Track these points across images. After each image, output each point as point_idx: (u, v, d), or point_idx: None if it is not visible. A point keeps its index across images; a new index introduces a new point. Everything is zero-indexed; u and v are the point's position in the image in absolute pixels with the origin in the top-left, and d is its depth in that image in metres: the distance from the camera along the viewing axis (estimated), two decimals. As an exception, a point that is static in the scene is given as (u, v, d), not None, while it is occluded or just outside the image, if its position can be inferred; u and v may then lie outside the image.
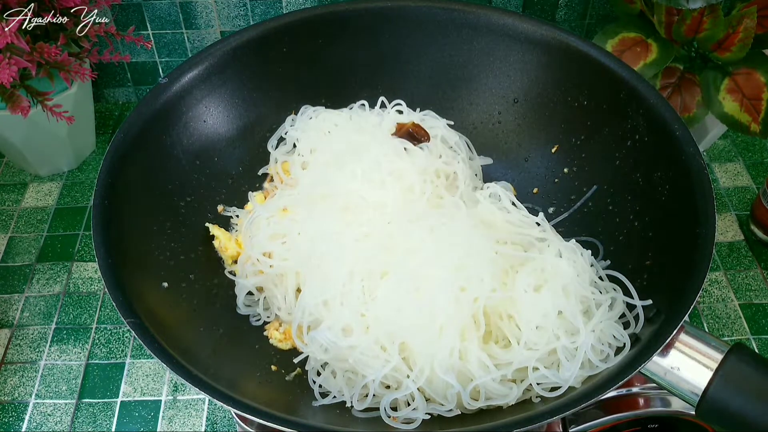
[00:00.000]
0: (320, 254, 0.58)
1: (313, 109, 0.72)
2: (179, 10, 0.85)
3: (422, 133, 0.67)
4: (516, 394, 0.52)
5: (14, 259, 0.78)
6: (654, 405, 0.57)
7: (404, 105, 0.72)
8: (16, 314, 0.73)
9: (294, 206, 0.63)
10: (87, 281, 0.76)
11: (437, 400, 0.52)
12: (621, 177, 0.63)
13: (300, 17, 0.70)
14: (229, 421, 0.65)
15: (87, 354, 0.70)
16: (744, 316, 0.72)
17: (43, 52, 0.68)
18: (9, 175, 0.88)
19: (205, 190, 0.66)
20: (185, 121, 0.66)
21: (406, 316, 0.53)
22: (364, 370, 0.53)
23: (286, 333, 0.60)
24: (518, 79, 0.71)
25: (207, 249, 0.64)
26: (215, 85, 0.67)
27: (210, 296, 0.61)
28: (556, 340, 0.53)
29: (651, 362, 0.47)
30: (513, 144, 0.72)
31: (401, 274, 0.55)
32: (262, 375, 0.57)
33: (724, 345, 0.46)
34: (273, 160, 0.70)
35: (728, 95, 0.74)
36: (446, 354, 0.52)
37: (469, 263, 0.55)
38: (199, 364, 0.49)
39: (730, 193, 0.84)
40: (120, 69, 0.92)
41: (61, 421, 0.65)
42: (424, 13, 0.71)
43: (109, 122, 0.94)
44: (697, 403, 0.46)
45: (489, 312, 0.55)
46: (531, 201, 0.69)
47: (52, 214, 0.83)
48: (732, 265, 0.77)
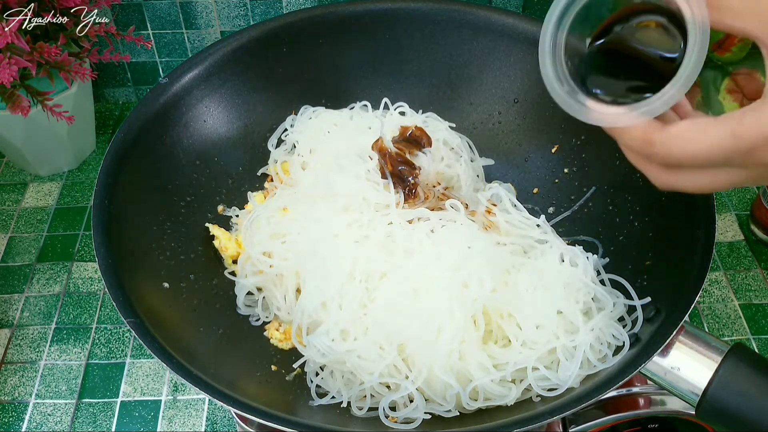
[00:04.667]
0: (320, 255, 0.58)
1: (313, 109, 0.72)
2: (179, 10, 0.85)
3: (424, 138, 0.66)
4: (515, 395, 0.52)
5: (14, 259, 0.78)
6: (654, 405, 0.57)
7: (407, 107, 0.72)
8: (16, 314, 0.73)
9: (294, 206, 0.63)
10: (87, 281, 0.76)
11: (436, 400, 0.52)
12: (621, 177, 0.63)
13: (300, 17, 0.70)
14: (229, 421, 0.65)
15: (87, 354, 0.70)
16: (744, 316, 0.72)
17: (43, 52, 0.68)
18: (9, 175, 0.88)
19: (205, 190, 0.67)
20: (185, 121, 0.66)
21: (406, 318, 0.53)
22: (362, 375, 0.53)
23: (287, 333, 0.60)
24: (518, 79, 0.71)
25: (207, 249, 0.64)
26: (215, 85, 0.67)
27: (210, 296, 0.61)
28: (555, 339, 0.53)
29: (651, 362, 0.47)
30: (513, 144, 0.72)
31: (401, 276, 0.55)
32: (262, 375, 0.57)
33: (724, 345, 0.46)
34: (273, 160, 0.70)
35: (728, 95, 0.74)
36: (445, 355, 0.52)
37: (469, 264, 0.55)
38: (199, 364, 0.49)
39: (730, 193, 0.84)
40: (120, 69, 0.92)
41: (61, 421, 0.65)
42: (424, 13, 0.71)
43: (109, 122, 0.94)
44: (697, 403, 0.46)
45: (489, 311, 0.55)
46: (531, 201, 0.69)
47: (52, 214, 0.83)
48: (732, 265, 0.77)
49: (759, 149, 0.34)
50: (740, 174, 0.36)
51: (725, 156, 0.35)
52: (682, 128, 0.36)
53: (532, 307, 0.54)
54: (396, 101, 0.72)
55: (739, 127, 0.34)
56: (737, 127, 0.34)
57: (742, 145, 0.34)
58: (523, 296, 0.54)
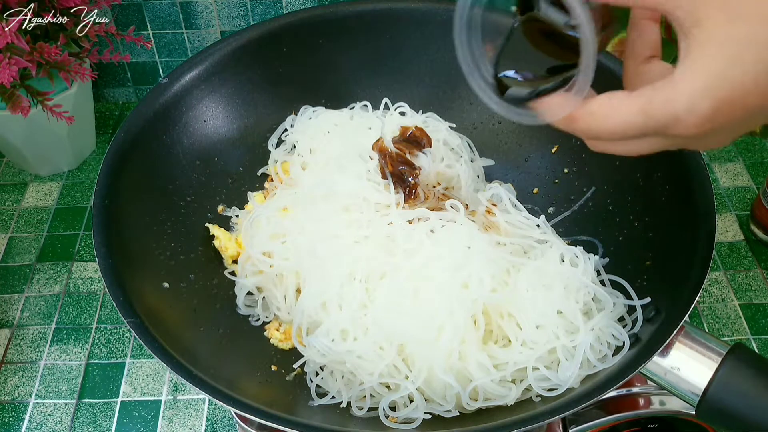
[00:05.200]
0: (320, 255, 0.58)
1: (313, 109, 0.72)
2: (179, 10, 0.85)
3: (425, 138, 0.66)
4: (515, 395, 0.52)
5: (14, 259, 0.78)
6: (654, 405, 0.57)
7: (407, 107, 0.72)
8: (16, 314, 0.73)
9: (294, 206, 0.63)
10: (87, 281, 0.76)
11: (436, 400, 0.52)
12: (621, 177, 0.63)
13: (300, 17, 0.70)
14: (229, 421, 0.65)
15: (87, 354, 0.70)
16: (744, 316, 0.72)
17: (43, 52, 0.68)
18: (9, 175, 0.88)
19: (205, 190, 0.67)
20: (185, 121, 0.66)
21: (406, 318, 0.53)
22: (362, 375, 0.53)
23: (287, 333, 0.60)
24: (518, 79, 0.71)
25: (207, 249, 0.64)
26: (215, 85, 0.67)
27: (210, 296, 0.61)
28: (556, 339, 0.53)
29: (651, 362, 0.47)
30: (513, 144, 0.72)
31: (401, 276, 0.55)
32: (262, 375, 0.57)
33: (724, 345, 0.46)
34: (273, 160, 0.70)
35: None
36: (445, 355, 0.52)
37: (469, 264, 0.55)
38: (199, 364, 0.49)
39: (730, 193, 0.84)
40: (120, 69, 0.92)
41: (61, 421, 0.65)
42: (424, 13, 0.71)
43: (109, 122, 0.94)
44: (697, 403, 0.46)
45: (489, 311, 0.55)
46: (531, 201, 0.69)
47: (52, 214, 0.83)
48: (732, 265, 0.77)
49: (670, 127, 0.34)
50: (662, 141, 0.37)
51: (639, 131, 0.35)
52: (598, 105, 0.36)
53: (532, 306, 0.54)
54: (396, 101, 0.72)
55: (649, 106, 0.34)
56: (647, 107, 0.34)
57: (653, 123, 0.35)
58: (523, 296, 0.54)
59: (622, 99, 0.36)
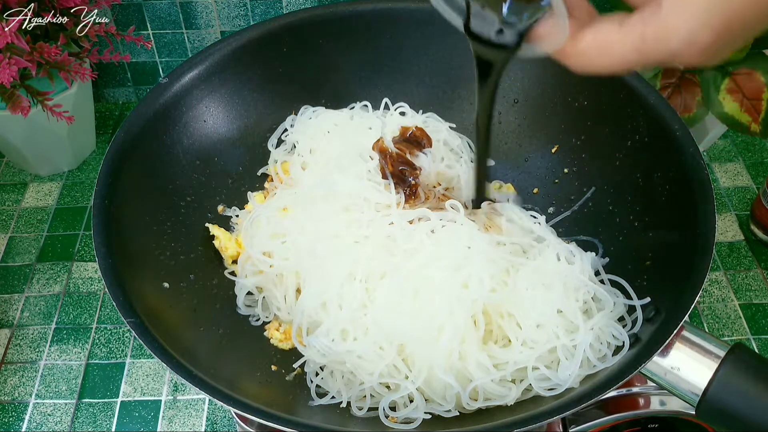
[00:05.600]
0: (320, 255, 0.58)
1: (313, 109, 0.72)
2: (179, 10, 0.85)
3: (425, 138, 0.66)
4: (515, 395, 0.52)
5: (14, 259, 0.78)
6: (654, 405, 0.57)
7: (407, 107, 0.72)
8: (16, 314, 0.73)
9: (294, 206, 0.63)
10: (87, 281, 0.76)
11: (436, 400, 0.52)
12: (621, 177, 0.63)
13: (300, 17, 0.70)
14: (229, 421, 0.65)
15: (87, 354, 0.70)
16: (744, 316, 0.72)
17: (43, 52, 0.68)
18: (9, 175, 0.88)
19: (205, 190, 0.66)
20: (185, 121, 0.65)
21: (406, 318, 0.53)
22: (362, 375, 0.53)
23: (287, 333, 0.60)
24: (518, 79, 0.71)
25: (207, 249, 0.64)
26: (215, 85, 0.67)
27: (210, 296, 0.61)
28: (556, 338, 0.53)
29: (651, 362, 0.47)
30: (513, 144, 0.72)
31: (401, 276, 0.55)
32: (262, 375, 0.57)
33: (724, 345, 0.46)
34: (273, 160, 0.70)
35: (728, 95, 0.74)
36: (445, 355, 0.52)
37: (469, 264, 0.55)
38: (199, 364, 0.49)
39: (730, 193, 0.84)
40: (120, 69, 0.92)
41: (61, 421, 0.65)
42: (424, 13, 0.71)
43: (109, 122, 0.94)
44: (697, 403, 0.46)
45: (489, 311, 0.55)
46: (531, 201, 0.69)
47: (52, 214, 0.83)
48: (732, 265, 0.77)
49: (668, 60, 0.35)
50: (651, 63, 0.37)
51: (631, 65, 0.36)
52: (588, 43, 0.37)
53: (532, 306, 0.54)
54: (396, 101, 0.73)
55: (643, 45, 0.34)
56: (641, 45, 0.34)
57: (646, 59, 0.35)
58: (523, 296, 0.54)
59: (614, 36, 0.36)
